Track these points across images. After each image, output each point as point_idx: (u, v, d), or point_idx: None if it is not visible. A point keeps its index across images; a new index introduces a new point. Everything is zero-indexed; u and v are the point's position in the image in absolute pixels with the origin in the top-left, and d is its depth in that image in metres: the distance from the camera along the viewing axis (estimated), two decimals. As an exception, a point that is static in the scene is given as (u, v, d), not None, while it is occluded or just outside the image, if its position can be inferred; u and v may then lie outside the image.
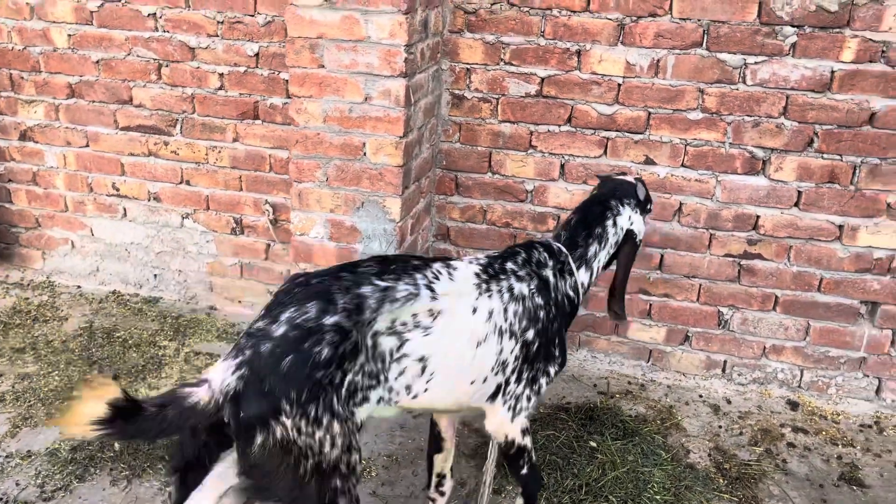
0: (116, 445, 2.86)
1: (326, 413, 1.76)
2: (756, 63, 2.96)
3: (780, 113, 3.00)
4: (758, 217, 3.17)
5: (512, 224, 3.44)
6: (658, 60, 3.04)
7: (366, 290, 1.86)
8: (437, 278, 2.00)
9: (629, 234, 2.39)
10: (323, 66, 2.80)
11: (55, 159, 3.90)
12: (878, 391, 3.30)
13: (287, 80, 3.30)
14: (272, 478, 1.75)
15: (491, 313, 2.06)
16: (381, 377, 1.89)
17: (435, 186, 3.45)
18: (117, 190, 3.88)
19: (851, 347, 3.26)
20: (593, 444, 2.97)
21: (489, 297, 2.07)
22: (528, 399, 2.20)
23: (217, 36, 3.44)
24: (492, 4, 3.12)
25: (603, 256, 2.36)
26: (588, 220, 2.37)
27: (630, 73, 3.08)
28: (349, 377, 1.80)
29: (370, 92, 2.79)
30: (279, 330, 1.75)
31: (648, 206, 2.53)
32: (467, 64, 3.23)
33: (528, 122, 3.25)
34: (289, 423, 1.71)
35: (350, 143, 2.88)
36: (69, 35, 3.62)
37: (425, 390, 1.98)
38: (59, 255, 4.09)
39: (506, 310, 2.09)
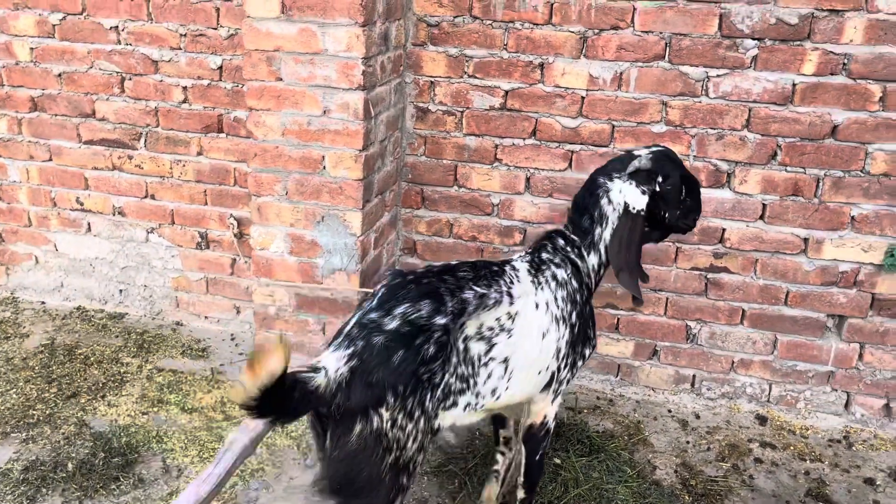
0: (70, 466, 2.80)
1: (418, 408, 1.82)
2: (718, 76, 2.95)
3: (744, 126, 2.99)
4: (724, 230, 3.15)
5: (479, 238, 3.41)
6: (621, 73, 3.03)
7: (468, 295, 1.95)
8: (512, 282, 2.12)
9: (626, 208, 2.27)
10: (281, 79, 2.77)
11: (18, 173, 3.85)
12: (846, 405, 3.28)
13: (250, 94, 3.27)
14: (357, 470, 1.77)
15: (548, 304, 2.17)
16: (471, 381, 1.98)
17: (401, 200, 3.42)
18: (81, 204, 3.83)
19: (819, 361, 3.23)
20: (557, 460, 2.92)
21: (542, 290, 2.18)
22: (567, 381, 2.32)
23: (180, 49, 3.41)
24: (454, 17, 3.11)
25: (608, 235, 2.30)
26: (584, 203, 2.33)
27: (593, 86, 3.07)
28: (446, 378, 1.89)
29: (329, 105, 2.76)
30: (392, 324, 1.82)
31: (657, 178, 2.26)
32: (431, 77, 3.21)
33: (493, 135, 3.23)
34: (386, 415, 1.76)
35: (309, 157, 2.84)
36: (31, 48, 3.58)
37: (506, 389, 2.08)
38: (23, 271, 4.03)
39: (556, 297, 2.20)
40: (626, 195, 2.26)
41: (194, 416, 3.16)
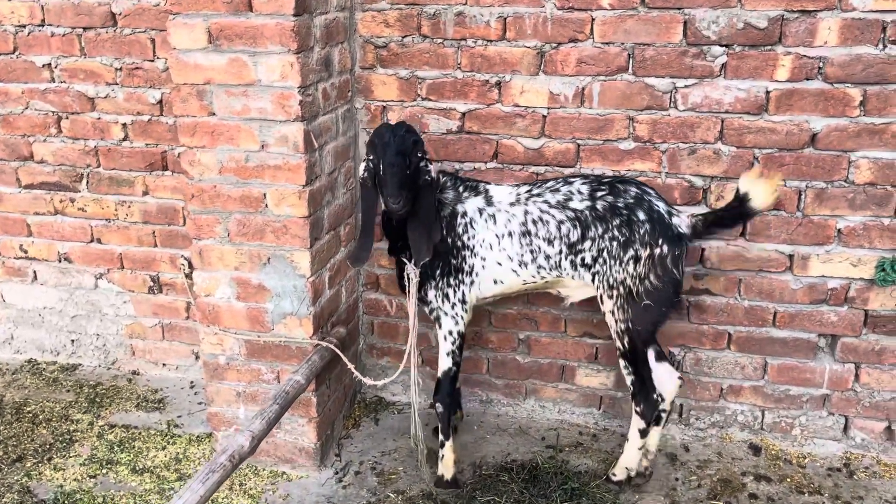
0: None
1: None
2: (686, 86, 2.75)
3: (717, 138, 2.79)
4: (703, 250, 2.94)
5: (444, 269, 3.18)
6: (583, 88, 2.83)
7: None
8: None
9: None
10: (214, 114, 2.56)
11: (-42, 222, 3.64)
12: (845, 430, 3.05)
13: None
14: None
15: None
16: None
17: (359, 233, 3.21)
18: (25, 252, 3.61)
19: (813, 384, 3.01)
20: (535, 510, 2.70)
21: None
22: None
23: (116, 84, 3.21)
24: (403, 37, 2.91)
25: None
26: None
27: (554, 103, 2.87)
28: None
29: (266, 139, 2.56)
30: (663, 205, 2.62)
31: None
32: (383, 101, 3.01)
33: (453, 159, 3.03)
34: None
35: (250, 195, 2.63)
36: (-38, 91, 3.39)
37: None
38: (-30, 324, 3.81)
39: None
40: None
41: (145, 478, 2.94)
